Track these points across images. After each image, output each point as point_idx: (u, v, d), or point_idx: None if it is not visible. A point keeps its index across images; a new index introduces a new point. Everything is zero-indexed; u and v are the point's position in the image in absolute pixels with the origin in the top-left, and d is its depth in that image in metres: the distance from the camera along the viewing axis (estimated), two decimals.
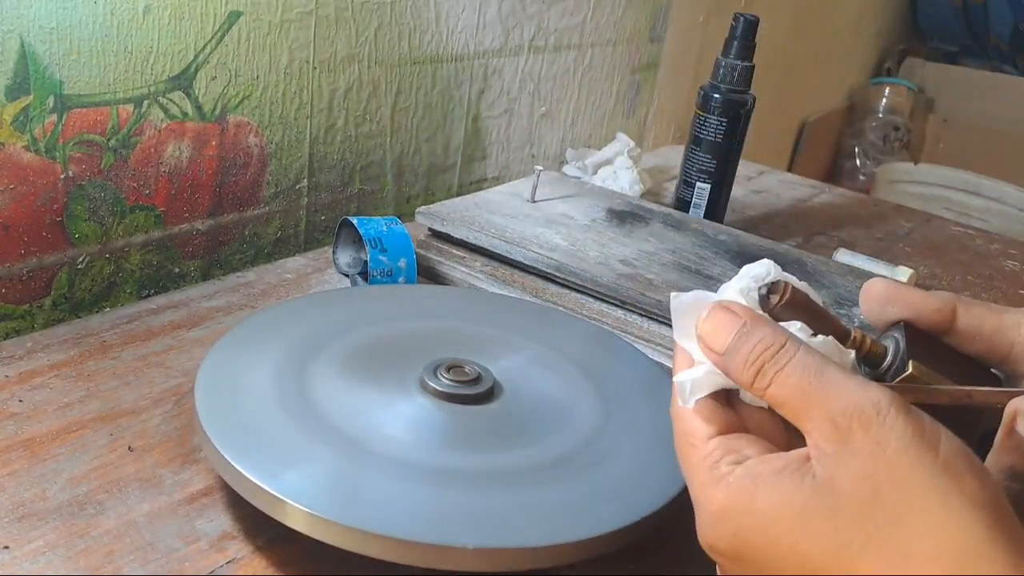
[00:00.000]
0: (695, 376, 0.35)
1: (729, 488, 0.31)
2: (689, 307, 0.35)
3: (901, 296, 0.37)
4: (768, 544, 0.30)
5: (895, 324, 0.38)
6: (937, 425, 0.29)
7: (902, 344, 0.36)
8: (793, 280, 0.36)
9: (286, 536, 0.41)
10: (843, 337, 0.36)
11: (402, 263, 0.65)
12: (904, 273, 0.78)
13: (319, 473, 0.41)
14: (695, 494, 0.33)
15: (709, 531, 0.32)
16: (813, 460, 0.30)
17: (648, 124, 1.23)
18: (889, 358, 0.36)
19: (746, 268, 0.37)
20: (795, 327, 0.35)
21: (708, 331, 0.34)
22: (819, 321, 0.35)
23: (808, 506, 0.29)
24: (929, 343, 0.37)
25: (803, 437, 0.31)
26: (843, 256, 0.82)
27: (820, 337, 0.35)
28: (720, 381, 0.35)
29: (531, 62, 0.96)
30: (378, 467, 0.42)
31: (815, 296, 0.36)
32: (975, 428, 0.35)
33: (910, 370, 0.35)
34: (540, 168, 0.77)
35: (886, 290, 0.38)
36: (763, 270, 0.36)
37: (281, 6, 0.69)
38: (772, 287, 0.35)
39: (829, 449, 0.30)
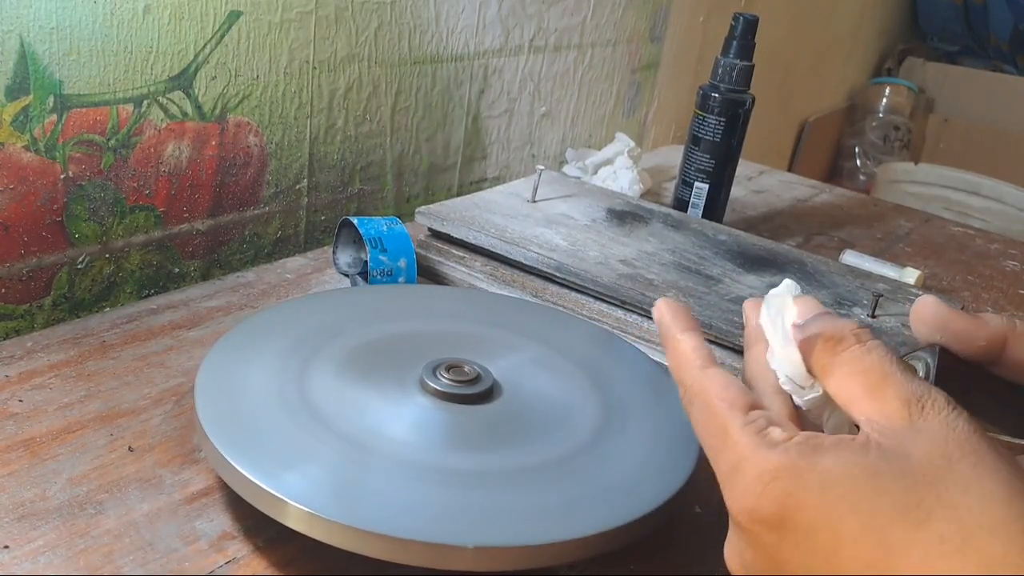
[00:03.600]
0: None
1: (789, 451, 0.31)
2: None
3: (950, 325, 0.36)
4: (827, 504, 0.30)
5: (931, 344, 0.37)
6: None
7: (932, 370, 0.35)
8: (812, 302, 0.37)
9: (286, 536, 0.41)
10: None
11: (402, 263, 0.65)
12: (912, 275, 0.78)
13: (319, 473, 0.41)
14: (738, 456, 0.32)
15: (756, 492, 0.31)
16: (871, 434, 0.30)
17: (648, 124, 1.23)
18: None
19: (770, 293, 0.37)
20: None
21: (801, 303, 0.36)
22: None
23: (878, 465, 0.29)
24: (963, 367, 0.36)
25: None
26: (850, 258, 0.81)
27: None
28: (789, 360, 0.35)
29: (531, 62, 0.96)
30: (378, 467, 0.42)
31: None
32: None
33: None
34: (542, 168, 0.77)
35: (935, 316, 0.37)
36: (784, 290, 0.37)
37: (281, 6, 0.69)
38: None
39: (897, 425, 0.30)
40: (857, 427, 0.32)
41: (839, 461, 0.30)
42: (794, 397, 0.36)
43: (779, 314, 0.36)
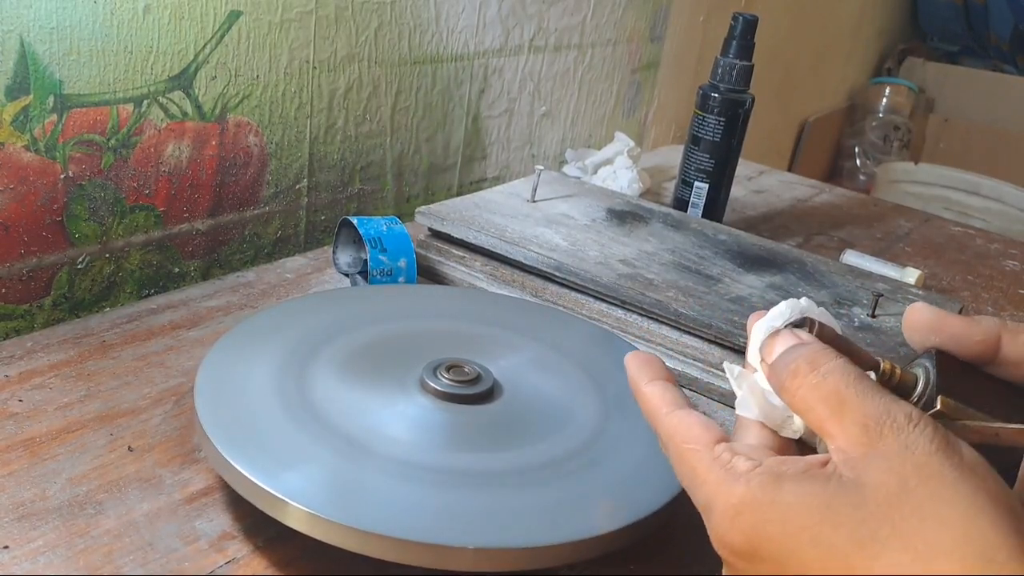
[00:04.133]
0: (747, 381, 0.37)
1: (751, 483, 0.31)
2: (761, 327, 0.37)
3: (944, 326, 0.36)
4: (788, 536, 0.30)
5: (927, 350, 0.37)
6: (958, 439, 0.30)
7: (932, 375, 0.35)
8: (819, 314, 0.37)
9: (286, 536, 0.41)
10: (872, 368, 0.36)
11: (402, 263, 0.65)
12: (912, 274, 0.78)
13: (319, 473, 0.41)
14: (707, 494, 0.33)
15: (725, 527, 0.32)
16: (838, 463, 0.31)
17: (648, 124, 1.23)
18: (919, 389, 0.35)
19: (774, 308, 0.38)
20: None
21: (767, 344, 0.36)
22: (847, 355, 0.35)
23: (835, 498, 0.29)
24: (963, 370, 0.36)
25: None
26: (851, 258, 0.81)
27: None
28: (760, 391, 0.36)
29: (531, 62, 0.96)
30: (378, 467, 0.42)
31: (839, 330, 0.37)
32: (1008, 464, 0.35)
33: (938, 406, 0.34)
34: (540, 168, 0.77)
35: (929, 319, 0.37)
36: (788, 309, 0.37)
37: (281, 6, 0.69)
38: (799, 324, 0.36)
39: (857, 452, 0.30)
40: None
41: (798, 493, 0.30)
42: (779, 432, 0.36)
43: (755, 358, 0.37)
